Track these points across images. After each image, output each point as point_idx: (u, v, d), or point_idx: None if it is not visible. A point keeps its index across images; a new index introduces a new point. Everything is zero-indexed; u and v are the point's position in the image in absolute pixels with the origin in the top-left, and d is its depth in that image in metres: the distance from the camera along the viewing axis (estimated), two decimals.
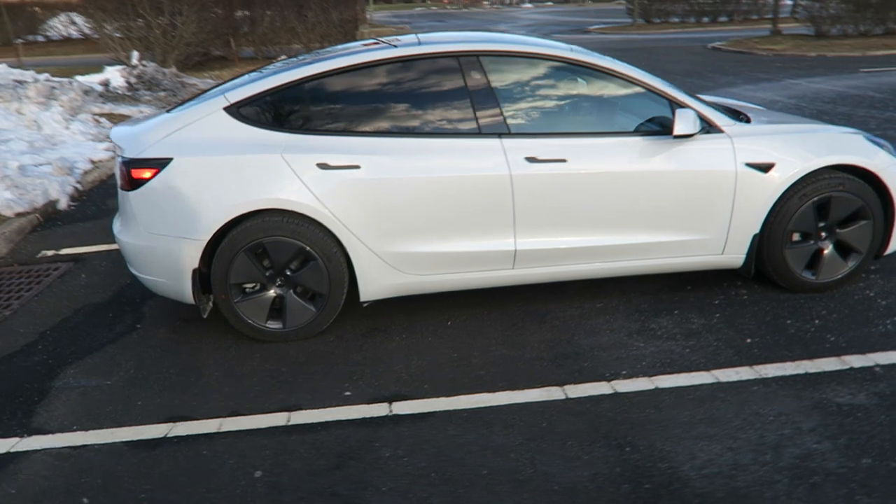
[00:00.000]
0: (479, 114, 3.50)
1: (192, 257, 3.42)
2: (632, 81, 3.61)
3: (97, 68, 13.39)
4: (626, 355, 3.32)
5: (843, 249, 3.82)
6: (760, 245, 3.76)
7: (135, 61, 13.09)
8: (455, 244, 3.55)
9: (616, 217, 3.59)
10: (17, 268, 4.95)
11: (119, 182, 3.50)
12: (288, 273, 3.52)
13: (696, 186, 3.59)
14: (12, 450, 2.79)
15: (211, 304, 3.68)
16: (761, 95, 10.85)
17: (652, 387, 3.05)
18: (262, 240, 3.42)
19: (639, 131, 3.59)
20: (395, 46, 3.61)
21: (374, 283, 3.59)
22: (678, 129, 3.41)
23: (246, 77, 3.79)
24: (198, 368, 3.39)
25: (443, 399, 3.03)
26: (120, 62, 13.42)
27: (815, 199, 3.66)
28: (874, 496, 2.34)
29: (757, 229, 3.69)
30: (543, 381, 3.13)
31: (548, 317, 3.76)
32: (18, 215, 5.72)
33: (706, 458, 2.56)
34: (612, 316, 3.73)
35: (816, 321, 3.56)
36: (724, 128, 3.62)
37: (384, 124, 3.48)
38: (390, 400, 3.04)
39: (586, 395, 3.02)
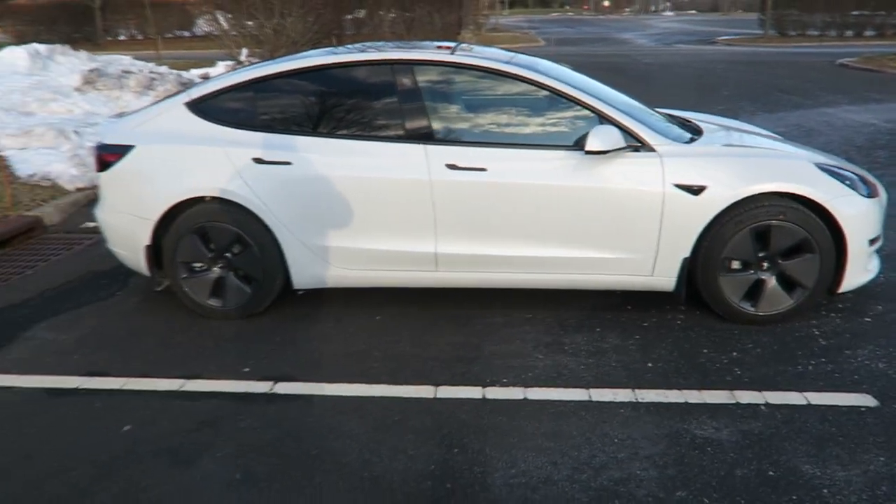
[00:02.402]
0: (406, 119, 3.65)
1: (144, 235, 3.83)
2: (562, 95, 3.62)
3: (211, 63, 14.65)
4: (519, 365, 3.36)
5: (787, 283, 3.61)
6: (694, 270, 3.64)
7: (242, 57, 14.18)
8: (379, 242, 3.73)
9: (536, 229, 3.62)
10: (60, 235, 5.66)
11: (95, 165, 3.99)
12: (229, 256, 3.85)
13: (621, 204, 3.54)
14: None
15: (167, 279, 4.07)
16: (855, 118, 10.04)
17: (521, 397, 3.09)
18: (205, 224, 3.77)
19: (563, 145, 3.59)
20: (336, 53, 3.85)
21: (305, 272, 3.84)
22: (590, 146, 3.39)
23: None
24: (141, 334, 3.80)
25: (324, 384, 3.23)
26: (232, 58, 14.58)
27: (753, 226, 3.50)
28: None
29: (687, 253, 3.58)
30: (424, 380, 3.25)
31: (471, 321, 3.84)
32: (78, 189, 6.51)
33: (523, 469, 2.60)
34: (532, 327, 3.76)
35: (734, 353, 3.41)
36: (655, 146, 3.55)
37: (317, 125, 3.73)
38: (278, 380, 3.28)
39: (454, 396, 3.10)
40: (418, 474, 2.59)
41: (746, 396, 3.04)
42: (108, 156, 3.85)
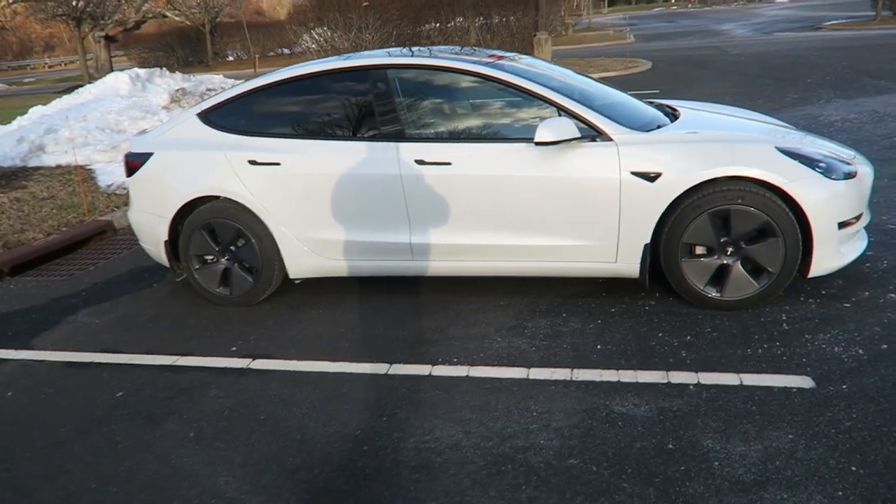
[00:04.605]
0: (381, 120, 3.94)
1: (162, 231, 4.34)
2: (523, 91, 3.77)
3: None
4: (475, 346, 3.56)
5: (753, 267, 3.59)
6: (657, 256, 3.69)
7: None
8: (360, 234, 4.03)
9: (501, 218, 3.79)
10: (125, 237, 6.38)
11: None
12: (233, 249, 4.29)
13: (580, 193, 3.65)
14: (2, 357, 3.92)
15: (184, 270, 4.56)
16: None
17: (464, 374, 3.29)
18: (211, 221, 4.23)
19: (525, 138, 3.74)
20: (323, 62, 4.20)
21: (298, 263, 4.21)
22: (539, 137, 3.54)
23: None
24: (160, 318, 4.31)
25: (294, 361, 3.58)
26: None
27: (711, 211, 3.51)
28: (541, 489, 2.44)
29: (648, 239, 3.64)
30: (382, 359, 3.51)
31: (449, 308, 4.06)
32: None
33: (437, 436, 2.81)
34: (503, 313, 3.93)
35: (689, 337, 3.44)
36: (613, 135, 3.63)
37: (304, 128, 4.09)
38: (256, 357, 3.66)
39: (404, 373, 3.35)
40: (343, 437, 2.86)
41: (680, 377, 3.09)
42: (133, 162, 4.39)
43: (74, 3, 22.86)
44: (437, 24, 19.36)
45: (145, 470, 2.75)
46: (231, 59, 31.54)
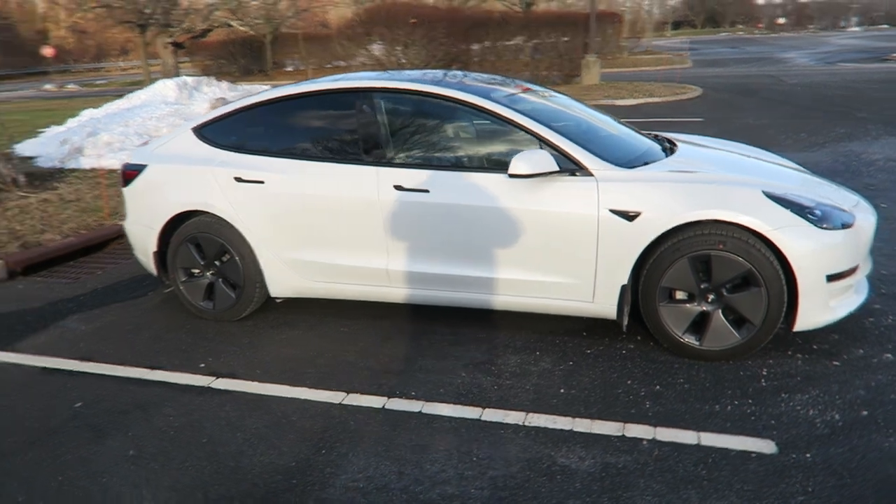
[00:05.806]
0: (364, 143, 3.91)
1: (152, 242, 4.40)
2: (504, 120, 3.67)
3: None
4: (437, 381, 3.46)
5: (736, 317, 3.39)
6: (635, 299, 3.53)
7: None
8: (338, 257, 4.00)
9: (476, 250, 3.70)
10: None
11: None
12: (217, 264, 4.31)
13: (557, 228, 3.53)
14: None
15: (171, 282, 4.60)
16: None
17: (417, 410, 3.20)
18: (197, 235, 4.26)
19: (503, 169, 3.63)
20: (313, 83, 4.19)
21: (278, 282, 4.20)
22: (513, 169, 3.43)
23: None
24: (143, 328, 4.35)
25: (255, 383, 3.54)
26: None
27: (691, 255, 3.34)
28: None
29: (625, 280, 3.48)
30: (342, 387, 3.45)
31: (423, 337, 3.98)
32: None
33: (369, 475, 2.72)
34: (476, 346, 3.82)
35: (658, 387, 3.26)
36: (593, 171, 3.50)
37: (289, 148, 4.08)
38: (220, 376, 3.64)
39: (357, 404, 3.28)
40: (276, 469, 2.80)
41: (636, 430, 2.92)
42: (128, 173, 4.48)
43: (142, 10, 23.81)
44: (488, 44, 19.39)
45: (75, 487, 2.75)
46: (290, 69, 32.29)
